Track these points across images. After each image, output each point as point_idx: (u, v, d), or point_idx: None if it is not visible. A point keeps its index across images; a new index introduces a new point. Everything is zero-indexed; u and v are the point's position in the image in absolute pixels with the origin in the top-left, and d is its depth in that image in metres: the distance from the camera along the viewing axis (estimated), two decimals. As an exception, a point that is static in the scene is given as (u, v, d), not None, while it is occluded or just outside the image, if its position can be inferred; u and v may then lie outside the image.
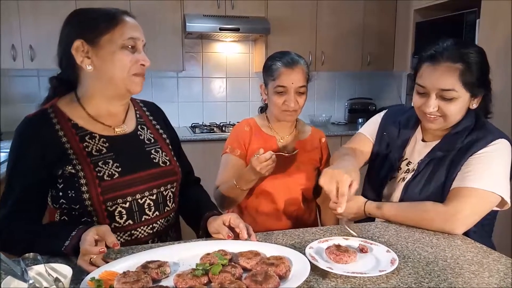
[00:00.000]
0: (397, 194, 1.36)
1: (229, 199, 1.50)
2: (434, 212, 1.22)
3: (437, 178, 1.28)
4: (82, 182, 1.11)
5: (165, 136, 1.33)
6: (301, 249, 1.05)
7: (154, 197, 1.21)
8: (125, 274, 0.86)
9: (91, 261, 0.95)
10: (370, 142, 1.49)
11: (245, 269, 0.95)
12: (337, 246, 1.04)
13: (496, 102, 1.31)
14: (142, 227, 1.19)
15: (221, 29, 3.32)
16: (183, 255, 1.02)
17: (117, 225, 1.15)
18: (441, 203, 1.22)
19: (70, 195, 1.12)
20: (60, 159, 1.12)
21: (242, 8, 3.47)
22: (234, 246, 1.05)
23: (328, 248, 1.05)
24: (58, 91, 1.21)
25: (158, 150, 1.26)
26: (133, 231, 1.17)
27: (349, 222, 1.35)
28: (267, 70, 1.53)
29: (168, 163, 1.26)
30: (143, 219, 1.18)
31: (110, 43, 1.11)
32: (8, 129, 2.98)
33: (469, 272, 0.98)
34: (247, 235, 1.09)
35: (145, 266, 0.92)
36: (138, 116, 1.29)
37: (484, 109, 1.30)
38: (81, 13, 1.17)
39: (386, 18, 3.84)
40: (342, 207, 1.11)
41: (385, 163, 1.43)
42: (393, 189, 1.38)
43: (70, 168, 1.11)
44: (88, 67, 1.12)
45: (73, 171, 1.11)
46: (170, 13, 3.34)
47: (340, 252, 1.01)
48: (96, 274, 0.88)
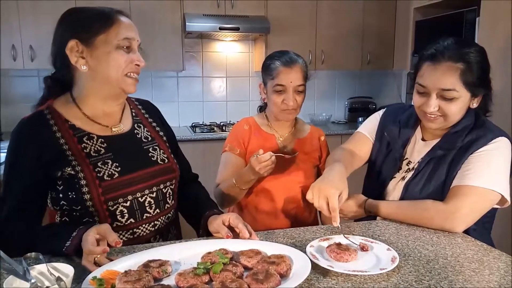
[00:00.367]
0: (397, 193, 1.36)
1: (229, 198, 1.50)
2: (434, 210, 1.22)
3: (437, 177, 1.28)
4: (83, 183, 1.11)
5: (162, 133, 1.33)
6: (301, 247, 1.05)
7: (154, 194, 1.21)
8: (126, 273, 0.87)
9: (95, 261, 0.95)
10: (369, 141, 1.49)
11: (246, 267, 0.95)
12: (337, 244, 1.05)
13: (496, 102, 1.31)
14: (143, 225, 1.19)
15: (221, 28, 3.31)
16: (184, 254, 1.03)
17: (119, 224, 1.15)
18: (441, 202, 1.22)
19: (70, 197, 1.12)
20: (58, 160, 1.11)
21: (242, 7, 3.46)
22: (235, 245, 1.05)
23: (329, 246, 1.05)
24: (53, 91, 1.20)
25: (156, 148, 1.26)
26: (135, 229, 1.18)
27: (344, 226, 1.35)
28: (266, 69, 1.54)
29: (166, 161, 1.26)
30: (145, 217, 1.19)
31: (105, 44, 1.10)
32: (8, 129, 2.97)
33: (469, 270, 0.98)
34: (248, 234, 1.09)
35: (146, 265, 0.92)
36: (134, 114, 1.29)
37: (483, 108, 1.30)
38: (75, 12, 1.15)
39: (385, 17, 3.83)
40: (337, 221, 1.13)
41: (386, 163, 1.43)
42: (393, 188, 1.38)
43: (69, 169, 1.11)
44: (83, 68, 1.11)
45: (72, 173, 1.11)
46: (170, 12, 3.33)
47: (341, 250, 1.01)
48: (97, 273, 0.88)
